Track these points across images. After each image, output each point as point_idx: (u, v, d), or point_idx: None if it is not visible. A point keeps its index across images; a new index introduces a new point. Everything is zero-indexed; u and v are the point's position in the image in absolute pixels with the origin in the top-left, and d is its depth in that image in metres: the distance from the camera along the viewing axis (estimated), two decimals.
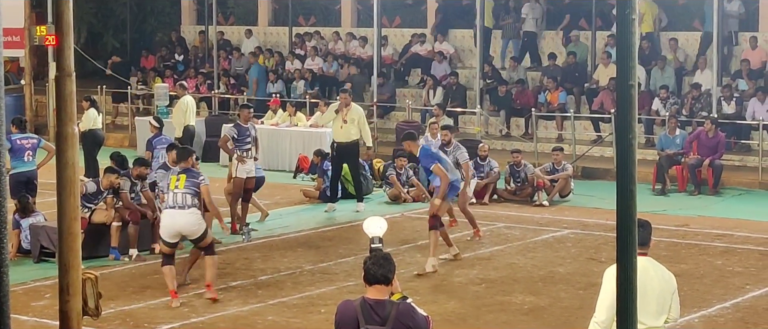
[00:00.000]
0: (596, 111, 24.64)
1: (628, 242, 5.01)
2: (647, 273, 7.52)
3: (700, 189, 20.56)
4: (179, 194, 12.97)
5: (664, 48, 26.12)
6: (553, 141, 24.18)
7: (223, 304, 12.93)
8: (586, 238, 16.66)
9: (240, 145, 17.29)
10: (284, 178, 22.68)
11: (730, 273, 14.41)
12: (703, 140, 21.07)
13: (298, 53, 30.47)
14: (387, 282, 6.70)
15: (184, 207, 12.95)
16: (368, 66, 28.16)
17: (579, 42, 27.15)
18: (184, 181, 13.00)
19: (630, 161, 4.97)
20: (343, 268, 14.72)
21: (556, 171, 20.25)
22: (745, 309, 12.60)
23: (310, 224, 17.98)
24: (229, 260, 15.32)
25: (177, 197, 12.98)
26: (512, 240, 16.57)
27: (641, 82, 24.56)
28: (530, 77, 27.20)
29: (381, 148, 24.61)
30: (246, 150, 17.30)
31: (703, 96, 23.62)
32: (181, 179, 13.03)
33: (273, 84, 28.91)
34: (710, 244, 16.22)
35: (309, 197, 20.13)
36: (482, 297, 13.25)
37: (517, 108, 25.95)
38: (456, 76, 26.94)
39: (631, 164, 4.98)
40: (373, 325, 6.59)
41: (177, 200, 12.98)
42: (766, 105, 22.70)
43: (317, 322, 12.09)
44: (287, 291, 13.56)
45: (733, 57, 25.49)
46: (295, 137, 23.84)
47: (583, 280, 13.70)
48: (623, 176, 5.00)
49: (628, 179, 4.98)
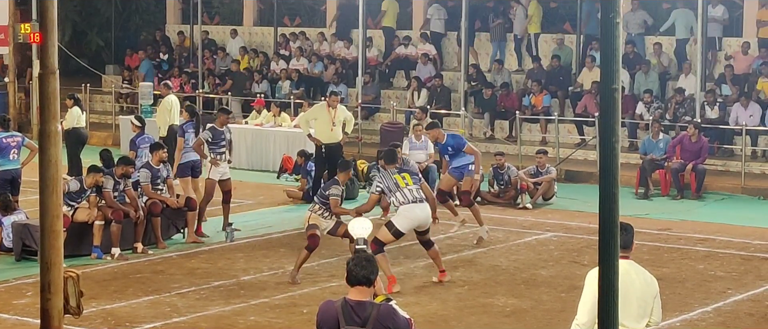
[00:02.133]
0: (580, 114, 24.69)
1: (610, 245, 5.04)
2: (629, 276, 7.54)
3: (682, 193, 20.63)
4: (414, 189, 13.54)
5: (647, 52, 26.20)
6: (537, 144, 24.21)
7: (205, 304, 12.92)
8: (569, 241, 16.68)
9: (214, 148, 17.21)
10: (268, 178, 22.67)
11: (712, 278, 14.45)
12: (686, 145, 21.15)
13: (283, 54, 30.46)
14: (369, 284, 6.71)
15: (422, 201, 13.54)
16: (353, 67, 28.17)
17: (564, 45, 27.20)
18: (410, 177, 13.65)
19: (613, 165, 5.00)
20: (325, 269, 14.71)
21: (540, 174, 20.28)
22: (726, 314, 12.64)
23: (293, 224, 17.94)
24: (212, 260, 15.31)
25: (412, 192, 13.52)
26: (495, 242, 16.59)
27: (625, 86, 24.62)
28: (515, 80, 27.24)
29: (365, 149, 24.62)
30: (220, 153, 17.22)
31: (686, 101, 23.70)
32: (405, 176, 13.64)
33: (258, 84, 28.89)
34: (692, 248, 16.27)
35: (292, 198, 20.11)
36: (465, 298, 13.26)
37: (501, 111, 25.98)
38: (441, 78, 26.97)
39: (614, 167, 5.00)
40: (353, 326, 6.59)
41: (415, 195, 13.51)
42: (749, 110, 22.79)
43: (300, 322, 12.08)
44: (270, 291, 13.55)
45: (717, 62, 25.58)
46: (279, 138, 23.82)
47: (566, 283, 13.72)
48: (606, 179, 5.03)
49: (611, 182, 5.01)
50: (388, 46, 29.47)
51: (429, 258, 14.31)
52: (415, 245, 16.18)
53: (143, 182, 15.94)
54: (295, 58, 29.84)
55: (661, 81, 25.20)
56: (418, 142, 20.93)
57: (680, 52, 25.78)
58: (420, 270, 14.65)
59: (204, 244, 16.29)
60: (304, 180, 20.15)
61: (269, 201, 20.14)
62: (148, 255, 15.55)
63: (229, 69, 30.14)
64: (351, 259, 6.82)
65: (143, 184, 15.92)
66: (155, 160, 16.15)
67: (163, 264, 15.06)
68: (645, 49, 26.30)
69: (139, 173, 16.03)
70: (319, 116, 19.28)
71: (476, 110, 26.32)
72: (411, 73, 28.17)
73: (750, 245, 16.44)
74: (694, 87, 23.54)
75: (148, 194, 15.99)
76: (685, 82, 24.37)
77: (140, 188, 15.94)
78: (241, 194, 20.57)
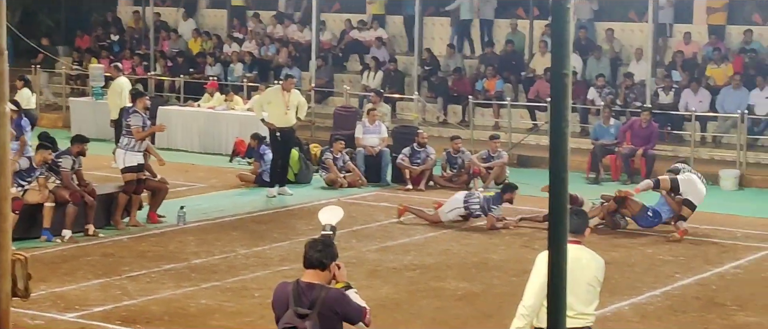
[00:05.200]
0: (532, 100, 24.80)
1: (559, 229, 5.06)
2: (579, 262, 7.59)
3: (632, 178, 20.78)
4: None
5: (599, 38, 26.35)
6: (490, 129, 24.29)
7: (155, 287, 12.87)
8: (521, 225, 16.77)
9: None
10: (220, 161, 22.58)
11: (661, 262, 14.60)
12: (636, 130, 21.33)
13: (236, 36, 30.34)
14: (322, 267, 6.71)
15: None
16: (306, 51, 28.12)
17: (517, 31, 27.29)
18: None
19: (563, 149, 5.02)
20: (277, 252, 14.70)
21: (492, 159, 20.37)
22: (674, 297, 12.78)
23: (245, 208, 17.93)
24: (163, 243, 15.25)
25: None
26: (447, 227, 16.65)
27: (577, 71, 24.77)
28: (468, 65, 27.31)
29: (318, 133, 24.59)
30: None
31: (636, 86, 23.88)
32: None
33: (211, 67, 28.76)
34: (642, 233, 16.40)
35: (245, 181, 20.05)
36: (416, 282, 13.30)
37: (454, 95, 26.04)
38: (394, 63, 26.99)
39: (563, 152, 5.03)
40: (301, 308, 6.60)
41: None
42: (699, 96, 23.00)
43: (251, 306, 12.07)
44: (221, 274, 13.52)
45: (668, 48, 25.78)
46: (231, 121, 23.73)
47: (517, 267, 13.79)
48: (556, 164, 5.05)
49: (561, 167, 5.03)
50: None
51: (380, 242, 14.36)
52: (367, 230, 16.24)
53: (63, 170, 15.56)
54: (247, 41, 29.75)
55: (613, 67, 25.37)
56: (372, 126, 20.96)
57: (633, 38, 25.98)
58: (372, 254, 14.68)
59: (151, 228, 16.20)
60: (257, 164, 20.09)
61: (222, 185, 20.07)
62: (98, 238, 15.45)
63: (181, 51, 29.99)
64: (309, 242, 6.83)
65: (63, 171, 15.55)
66: (75, 151, 15.73)
67: (114, 247, 14.99)
68: (596, 35, 26.44)
69: (19, 161, 15.62)
70: (273, 99, 19.13)
71: (429, 94, 26.37)
72: (364, 57, 28.16)
73: (698, 229, 16.59)
74: (646, 73, 23.71)
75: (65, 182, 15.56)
76: (636, 68, 24.54)
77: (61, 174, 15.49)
78: (194, 178, 20.51)
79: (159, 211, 16.67)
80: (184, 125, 24.15)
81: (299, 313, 6.59)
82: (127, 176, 16.18)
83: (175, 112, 24.61)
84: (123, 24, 33.07)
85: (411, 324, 11.59)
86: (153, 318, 11.63)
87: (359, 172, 20.18)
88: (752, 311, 12.22)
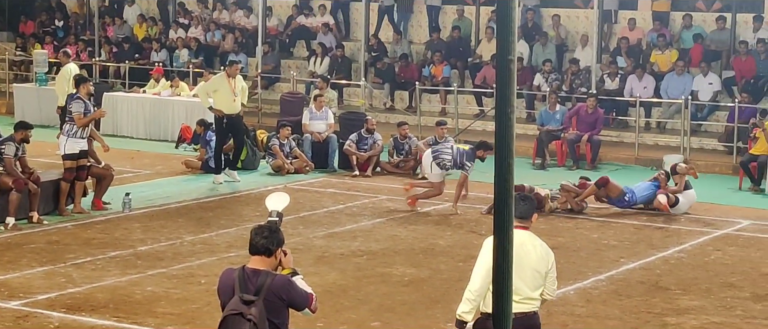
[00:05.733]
0: (479, 86, 24.88)
1: (505, 214, 5.10)
2: (525, 247, 7.63)
3: (578, 164, 20.94)
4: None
5: (545, 24, 26.48)
6: (437, 115, 24.35)
7: (101, 274, 12.78)
8: (467, 211, 16.84)
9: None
10: (166, 148, 22.46)
11: (606, 247, 14.72)
12: (582, 116, 21.48)
13: (181, 22, 30.15)
14: (268, 254, 6.70)
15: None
16: (253, 36, 28.02)
17: (464, 17, 27.35)
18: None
19: (508, 135, 5.05)
20: (224, 239, 14.65)
21: (439, 144, 20.37)
22: (618, 282, 12.89)
23: (191, 194, 17.85)
24: (108, 230, 15.14)
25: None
26: (394, 212, 16.68)
27: (523, 57, 24.88)
28: (415, 51, 27.34)
29: (265, 119, 24.53)
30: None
31: (582, 72, 24.04)
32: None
33: (156, 53, 28.57)
34: (587, 218, 16.53)
35: (191, 168, 19.96)
36: (363, 268, 13.32)
37: (401, 81, 26.06)
38: (342, 49, 26.96)
39: (509, 138, 5.06)
40: (246, 294, 6.59)
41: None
42: (643, 82, 23.19)
43: (197, 293, 12.02)
44: (167, 261, 13.45)
45: (613, 35, 25.96)
46: (177, 107, 23.60)
47: (463, 252, 13.85)
48: (501, 149, 5.08)
49: (506, 152, 5.06)
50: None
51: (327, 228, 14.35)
52: (314, 216, 16.23)
53: (7, 156, 15.39)
54: (193, 27, 29.58)
55: (559, 53, 25.51)
56: (319, 112, 20.94)
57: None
58: (319, 241, 14.68)
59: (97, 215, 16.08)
60: (203, 150, 20.00)
61: (167, 171, 19.96)
62: (42, 225, 15.32)
63: (126, 37, 29.76)
64: (254, 228, 6.81)
65: (6, 158, 15.37)
66: (19, 137, 15.59)
67: (58, 234, 14.86)
68: (542, 21, 26.57)
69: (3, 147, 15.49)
70: (219, 87, 18.94)
71: (376, 80, 26.37)
72: (311, 43, 28.11)
73: (642, 214, 16.77)
74: (591, 59, 23.86)
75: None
76: (581, 54, 24.70)
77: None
78: (139, 164, 20.39)
79: (104, 198, 16.54)
80: (129, 112, 23.99)
81: (245, 300, 6.57)
82: (67, 164, 16.01)
83: (121, 98, 24.44)
84: (67, 9, 32.75)
85: (358, 310, 11.60)
86: (98, 305, 11.55)
87: (306, 158, 20.15)
88: (695, 295, 12.36)
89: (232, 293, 6.64)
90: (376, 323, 11.19)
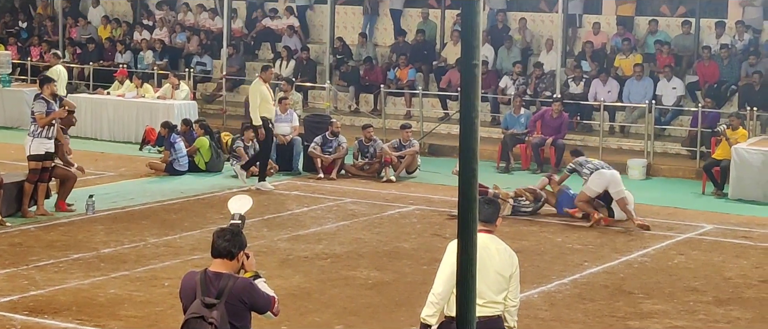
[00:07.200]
0: (444, 89, 24.93)
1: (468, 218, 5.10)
2: (488, 250, 7.63)
3: (542, 168, 21.01)
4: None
5: (511, 28, 26.55)
6: (402, 118, 24.38)
7: (64, 277, 12.70)
8: (432, 214, 16.86)
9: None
10: (130, 150, 22.36)
11: (570, 250, 14.77)
12: (547, 120, 21.57)
13: (146, 24, 30.03)
14: (230, 257, 6.67)
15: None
16: (218, 38, 27.94)
17: (428, 20, 27.39)
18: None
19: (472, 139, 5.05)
20: (188, 241, 14.60)
21: (404, 147, 20.43)
22: (582, 285, 12.94)
23: (155, 197, 17.77)
24: (71, 232, 15.05)
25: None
26: (359, 215, 16.67)
27: (489, 61, 24.95)
28: (380, 54, 27.35)
29: (230, 121, 24.47)
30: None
31: (547, 76, 24.13)
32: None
33: (121, 54, 28.44)
34: (551, 221, 16.59)
35: (155, 170, 19.88)
36: (327, 271, 13.30)
37: (366, 84, 26.07)
38: (307, 51, 26.94)
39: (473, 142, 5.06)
40: (208, 297, 6.56)
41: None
42: (607, 86, 23.31)
43: (161, 295, 11.97)
44: (130, 264, 13.38)
45: (578, 39, 26.07)
46: (141, 109, 23.51)
47: (428, 256, 13.86)
48: (466, 153, 5.08)
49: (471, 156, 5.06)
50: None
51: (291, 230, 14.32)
52: (278, 218, 16.21)
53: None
54: (158, 28, 29.47)
55: (524, 57, 25.59)
56: (284, 114, 20.89)
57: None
58: (283, 243, 14.65)
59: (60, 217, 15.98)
60: (168, 152, 19.93)
61: (131, 173, 19.88)
62: (5, 227, 15.21)
63: (90, 38, 29.60)
64: (216, 231, 6.79)
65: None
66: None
67: (21, 236, 14.76)
68: (509, 25, 26.65)
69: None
70: (263, 95, 18.55)
71: (341, 83, 26.36)
72: (276, 45, 28.07)
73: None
74: (556, 63, 23.96)
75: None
76: (546, 58, 24.79)
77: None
78: (103, 166, 20.29)
79: (68, 200, 16.45)
80: (93, 113, 23.87)
81: (206, 303, 6.55)
82: (32, 164, 15.89)
83: (85, 99, 24.29)
84: (31, 10, 32.53)
85: (322, 313, 11.58)
86: (61, 308, 11.48)
87: (271, 161, 20.11)
88: (659, 299, 12.42)
89: (193, 296, 6.61)
90: (339, 326, 11.17)
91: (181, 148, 19.96)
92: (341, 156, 20.17)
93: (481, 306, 7.30)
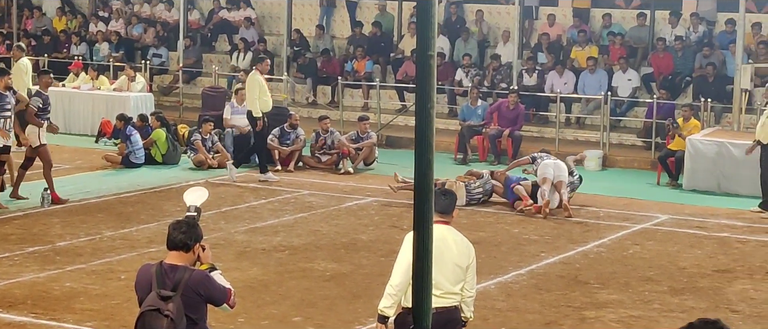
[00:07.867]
0: (401, 81, 24.95)
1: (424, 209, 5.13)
2: (445, 242, 7.66)
3: (499, 159, 21.08)
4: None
5: (468, 20, 26.60)
6: (359, 110, 24.37)
7: (19, 270, 12.62)
8: (389, 206, 16.88)
9: (43, 114, 16.44)
10: (86, 142, 22.22)
11: (526, 241, 14.84)
12: (503, 112, 21.64)
13: (101, 15, 29.83)
14: (186, 249, 6.66)
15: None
16: (174, 30, 27.80)
17: (386, 12, 27.38)
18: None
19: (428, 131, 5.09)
20: (144, 234, 14.54)
21: (361, 139, 20.43)
22: (539, 276, 13.01)
23: (111, 189, 17.68)
24: (27, 226, 14.95)
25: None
26: (316, 208, 16.66)
27: (445, 53, 24.99)
28: (337, 46, 27.33)
29: (186, 113, 24.36)
30: (47, 118, 16.54)
31: (503, 68, 24.20)
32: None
33: (76, 46, 28.24)
34: (507, 213, 16.66)
35: (111, 162, 19.77)
36: (285, 263, 13.30)
37: (323, 76, 26.04)
38: (264, 43, 26.86)
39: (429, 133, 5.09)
40: (164, 290, 6.55)
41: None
42: (563, 78, 23.41)
43: (116, 288, 11.91)
44: (86, 257, 13.31)
45: (534, 31, 26.16)
46: (97, 101, 23.36)
47: (385, 247, 13.89)
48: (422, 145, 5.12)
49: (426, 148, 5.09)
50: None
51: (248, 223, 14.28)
52: (236, 211, 16.17)
53: None
54: (114, 20, 29.29)
55: (480, 49, 25.65)
56: (241, 106, 20.83)
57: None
58: (240, 236, 14.62)
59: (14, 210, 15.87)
60: (124, 145, 19.82)
61: (87, 166, 19.77)
62: None
63: (45, 29, 29.37)
64: (172, 223, 6.77)
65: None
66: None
67: None
68: (466, 16, 26.70)
69: None
70: (261, 88, 18.56)
71: (299, 75, 26.31)
72: (233, 37, 27.98)
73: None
74: (512, 55, 24.03)
75: None
76: (503, 50, 24.86)
77: None
78: (59, 159, 20.08)
79: (23, 193, 16.34)
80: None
81: (162, 295, 6.53)
82: None
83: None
84: None
85: (279, 305, 11.58)
86: (16, 301, 11.41)
87: (228, 153, 20.06)
88: (614, 289, 12.52)
89: (149, 288, 6.60)
90: (297, 318, 11.18)
91: (137, 140, 19.86)
92: (299, 148, 20.15)
93: (438, 296, 7.34)
